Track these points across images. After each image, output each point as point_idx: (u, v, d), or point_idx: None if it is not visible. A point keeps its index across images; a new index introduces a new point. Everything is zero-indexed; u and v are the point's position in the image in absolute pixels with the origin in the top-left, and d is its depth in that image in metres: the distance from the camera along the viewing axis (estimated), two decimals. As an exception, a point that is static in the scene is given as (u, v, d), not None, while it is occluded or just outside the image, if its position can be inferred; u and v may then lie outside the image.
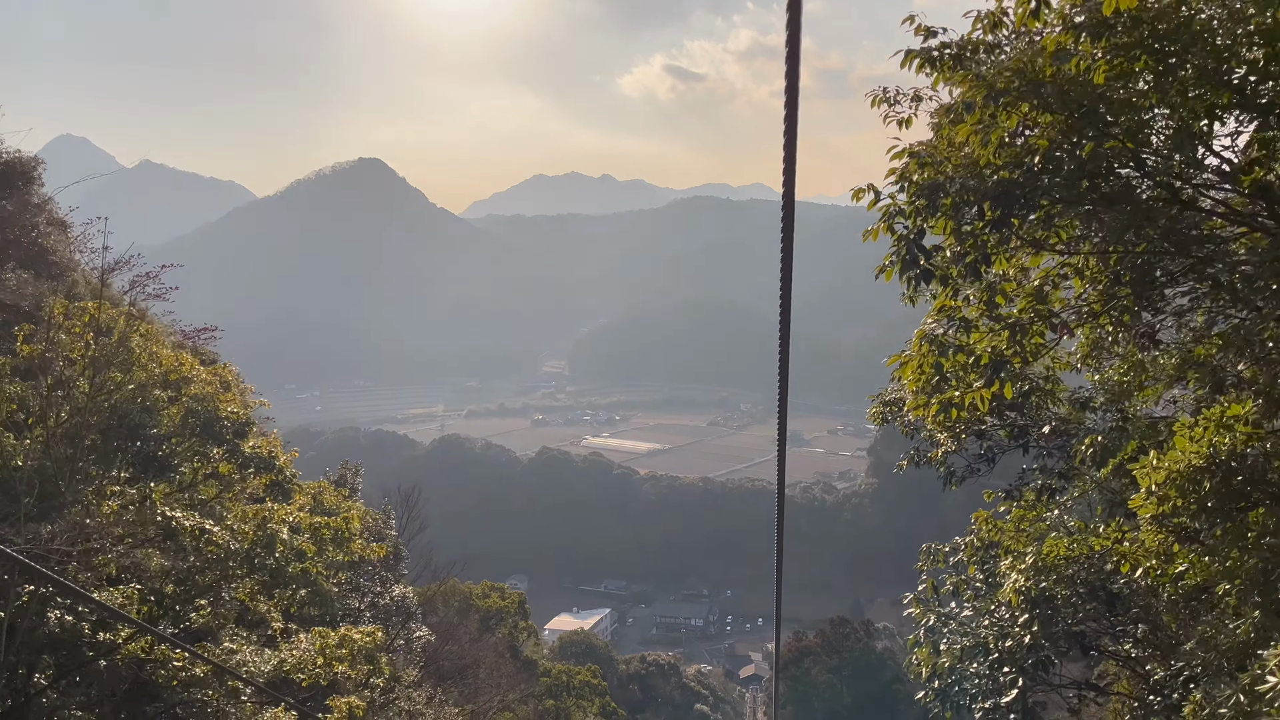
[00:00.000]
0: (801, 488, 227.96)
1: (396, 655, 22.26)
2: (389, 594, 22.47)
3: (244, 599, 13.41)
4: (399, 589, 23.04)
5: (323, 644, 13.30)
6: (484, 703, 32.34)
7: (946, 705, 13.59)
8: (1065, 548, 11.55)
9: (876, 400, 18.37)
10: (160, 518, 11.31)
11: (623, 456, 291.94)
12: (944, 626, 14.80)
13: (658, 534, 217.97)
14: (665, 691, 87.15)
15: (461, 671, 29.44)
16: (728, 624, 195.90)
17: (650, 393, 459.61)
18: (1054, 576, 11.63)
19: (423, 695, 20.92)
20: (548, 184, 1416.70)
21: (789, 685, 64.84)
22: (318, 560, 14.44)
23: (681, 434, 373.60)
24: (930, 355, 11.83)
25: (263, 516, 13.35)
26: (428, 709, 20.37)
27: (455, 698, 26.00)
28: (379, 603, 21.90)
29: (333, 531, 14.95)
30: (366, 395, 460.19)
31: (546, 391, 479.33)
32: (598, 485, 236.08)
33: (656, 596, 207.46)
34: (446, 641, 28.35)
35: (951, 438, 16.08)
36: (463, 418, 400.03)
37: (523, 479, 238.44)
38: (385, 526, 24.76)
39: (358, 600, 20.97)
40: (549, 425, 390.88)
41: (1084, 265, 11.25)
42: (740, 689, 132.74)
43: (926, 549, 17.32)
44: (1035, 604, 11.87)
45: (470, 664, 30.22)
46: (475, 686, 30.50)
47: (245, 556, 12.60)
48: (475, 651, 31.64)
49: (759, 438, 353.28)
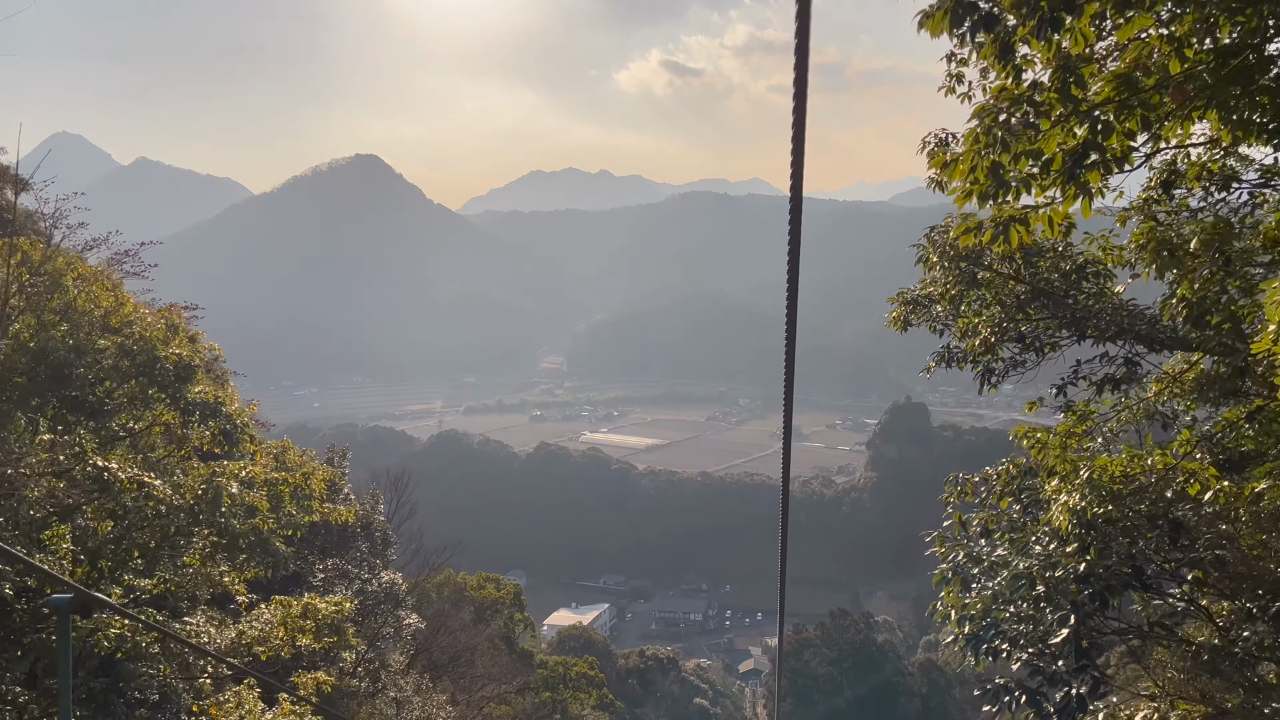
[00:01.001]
0: (800, 482, 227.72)
1: (385, 643, 21.72)
2: (377, 580, 21.88)
3: (195, 563, 12.39)
4: (387, 575, 22.41)
5: (285, 614, 12.39)
6: (479, 694, 31.85)
7: (979, 653, 11.39)
8: (1121, 466, 9.66)
9: (896, 300, 15.37)
10: (92, 468, 10.31)
11: (621, 452, 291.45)
12: (974, 566, 12.45)
13: (656, 529, 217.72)
14: (664, 686, 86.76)
15: (454, 660, 28.85)
16: (727, 619, 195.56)
17: (648, 388, 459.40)
18: (1108, 500, 9.75)
19: (410, 682, 20.33)
20: (545, 180, 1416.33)
21: (789, 678, 64.38)
22: (271, 518, 13.21)
23: (680, 429, 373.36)
24: (987, 151, 8.46)
25: (211, 471, 12.34)
26: (416, 696, 19.80)
27: (449, 689, 25.46)
28: (367, 588, 21.30)
29: (291, 488, 13.80)
30: (364, 392, 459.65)
31: (545, 387, 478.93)
32: (596, 481, 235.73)
33: (655, 592, 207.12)
34: (438, 632, 27.79)
35: (992, 326, 13.32)
36: (461, 414, 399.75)
37: (521, 475, 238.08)
38: (374, 511, 24.16)
39: (345, 586, 20.40)
40: (547, 421, 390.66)
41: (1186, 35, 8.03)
42: (740, 683, 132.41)
43: (953, 479, 13.99)
44: (1089, 526, 9.86)
45: (464, 654, 29.64)
46: (470, 678, 29.94)
47: (189, 512, 11.64)
48: (469, 642, 31.07)
49: (758, 433, 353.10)
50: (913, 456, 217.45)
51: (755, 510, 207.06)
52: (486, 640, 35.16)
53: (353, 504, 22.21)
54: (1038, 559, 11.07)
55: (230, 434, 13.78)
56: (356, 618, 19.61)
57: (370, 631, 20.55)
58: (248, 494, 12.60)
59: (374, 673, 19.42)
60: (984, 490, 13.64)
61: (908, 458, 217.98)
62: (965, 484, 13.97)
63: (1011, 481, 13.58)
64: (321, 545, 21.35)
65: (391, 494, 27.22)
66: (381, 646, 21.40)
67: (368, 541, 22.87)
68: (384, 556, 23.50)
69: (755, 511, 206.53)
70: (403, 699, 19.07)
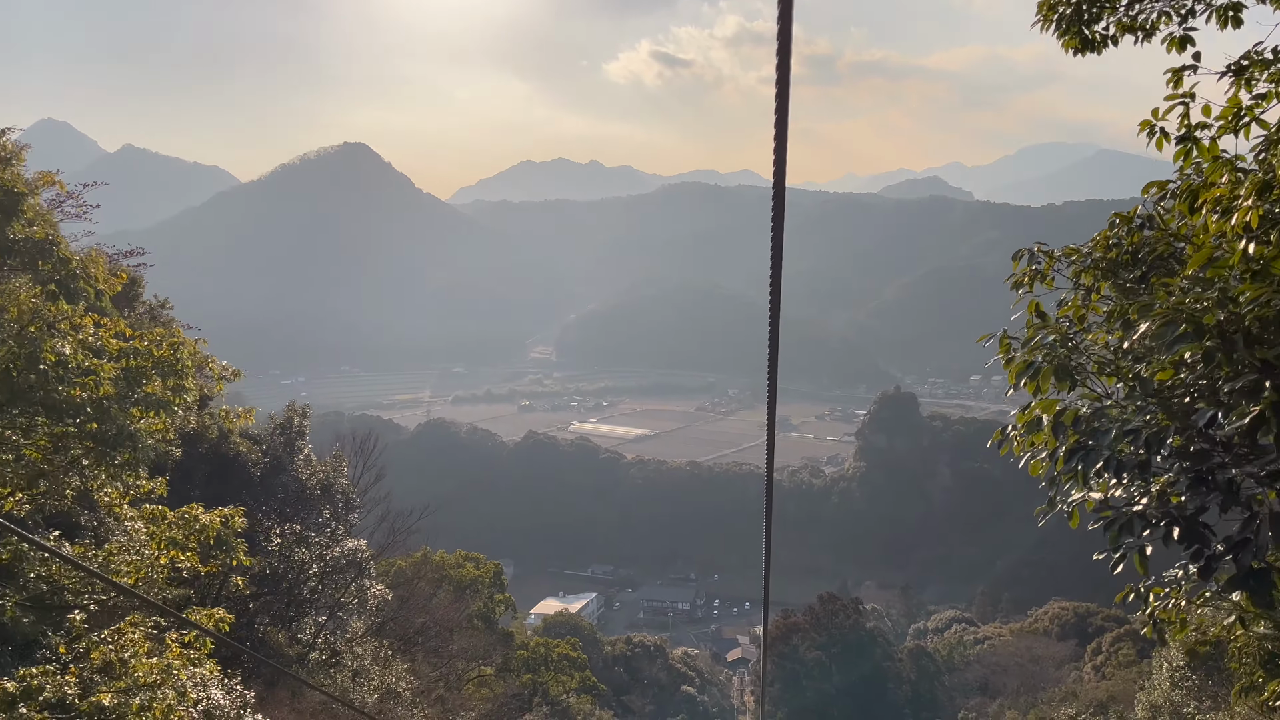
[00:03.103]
0: (789, 472, 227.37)
1: (347, 613, 20.60)
2: (339, 545, 20.70)
3: (35, 456, 9.75)
4: (350, 542, 21.24)
5: (153, 529, 10.11)
6: (458, 675, 30.84)
7: (1083, 473, 6.91)
8: None
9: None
10: None
11: (610, 442, 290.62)
12: (1069, 353, 7.61)
13: (645, 519, 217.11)
14: (651, 673, 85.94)
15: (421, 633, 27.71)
16: (715, 608, 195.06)
17: (638, 379, 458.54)
18: None
19: (368, 650, 19.15)
20: (535, 170, 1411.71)
21: (776, 663, 63.59)
22: (128, 391, 10.20)
23: (669, 419, 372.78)
24: None
25: (25, 308, 9.66)
26: (375, 666, 18.69)
27: (419, 667, 24.40)
28: (327, 554, 20.14)
29: (153, 361, 10.60)
30: (352, 381, 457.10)
31: (534, 378, 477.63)
32: (584, 470, 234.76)
33: (643, 581, 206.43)
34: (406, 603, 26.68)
35: None
36: (449, 403, 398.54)
37: (508, 464, 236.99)
38: (336, 474, 23.01)
39: (305, 551, 19.24)
40: (536, 411, 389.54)
41: None
42: (727, 671, 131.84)
43: (1023, 253, 8.79)
44: None
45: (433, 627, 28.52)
46: (447, 657, 28.86)
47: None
48: (444, 618, 29.98)
49: (747, 423, 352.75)
50: (901, 446, 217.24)
51: (744, 500, 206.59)
52: (465, 620, 34.09)
53: (314, 467, 21.10)
54: None
55: (68, 285, 11.29)
56: (315, 584, 18.48)
57: (330, 600, 19.48)
58: (86, 357, 9.88)
59: (333, 644, 18.27)
60: (1074, 262, 8.47)
61: (896, 447, 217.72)
62: (1044, 256, 8.85)
63: (1119, 244, 8.25)
64: (279, 509, 20.22)
65: (357, 457, 26.05)
66: (343, 617, 20.32)
67: (329, 505, 21.72)
68: (346, 521, 22.36)
69: (744, 501, 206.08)
70: (360, 668, 17.95)
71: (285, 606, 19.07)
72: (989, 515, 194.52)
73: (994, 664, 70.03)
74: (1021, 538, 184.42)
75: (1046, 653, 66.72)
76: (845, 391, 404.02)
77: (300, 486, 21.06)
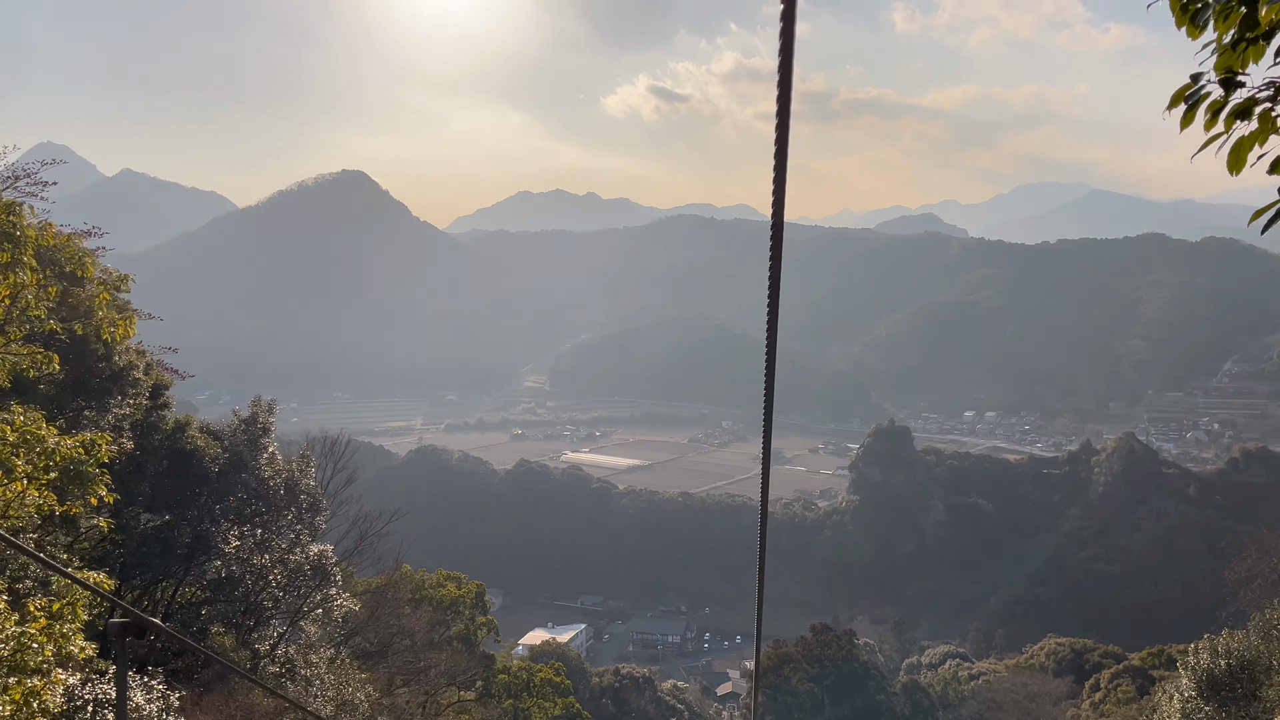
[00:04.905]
0: (782, 504, 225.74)
1: (310, 622, 19.33)
2: (303, 550, 19.39)
3: None
4: (316, 547, 19.97)
5: None
6: (434, 700, 29.49)
7: None
8: None
9: None
10: None
11: (602, 472, 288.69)
12: None
13: (636, 549, 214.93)
14: (640, 705, 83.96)
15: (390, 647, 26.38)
16: (705, 641, 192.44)
17: (631, 409, 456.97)
18: None
19: (322, 658, 17.82)
20: (532, 201, 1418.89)
21: (768, 695, 62.00)
22: None
23: (662, 450, 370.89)
24: None
25: None
26: (330, 674, 17.40)
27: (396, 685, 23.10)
28: (289, 559, 18.83)
29: None
30: (345, 408, 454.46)
31: (527, 406, 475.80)
32: (576, 499, 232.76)
33: (634, 613, 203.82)
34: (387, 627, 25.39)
35: None
36: (441, 431, 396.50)
37: (499, 492, 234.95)
38: (302, 475, 21.79)
39: (266, 556, 18.01)
40: (528, 440, 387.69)
41: None
42: (717, 705, 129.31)
43: None
44: None
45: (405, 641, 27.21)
46: (421, 677, 27.49)
47: None
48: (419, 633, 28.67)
49: (740, 455, 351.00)
50: (895, 480, 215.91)
51: (736, 532, 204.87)
52: (444, 641, 32.74)
53: (279, 465, 19.96)
54: None
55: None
56: (277, 592, 17.29)
57: (291, 609, 18.26)
58: None
59: (288, 654, 17.01)
60: None
61: (890, 481, 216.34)
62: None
63: None
64: (237, 508, 19.05)
65: (327, 459, 24.84)
66: (304, 626, 19.08)
67: (294, 507, 20.51)
68: (312, 526, 21.12)
69: (736, 533, 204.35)
70: (313, 676, 16.70)
71: (242, 614, 17.87)
72: (983, 550, 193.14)
73: (990, 700, 68.48)
74: (1015, 574, 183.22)
75: (1043, 689, 65.30)
76: (839, 425, 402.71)
77: (262, 486, 19.84)
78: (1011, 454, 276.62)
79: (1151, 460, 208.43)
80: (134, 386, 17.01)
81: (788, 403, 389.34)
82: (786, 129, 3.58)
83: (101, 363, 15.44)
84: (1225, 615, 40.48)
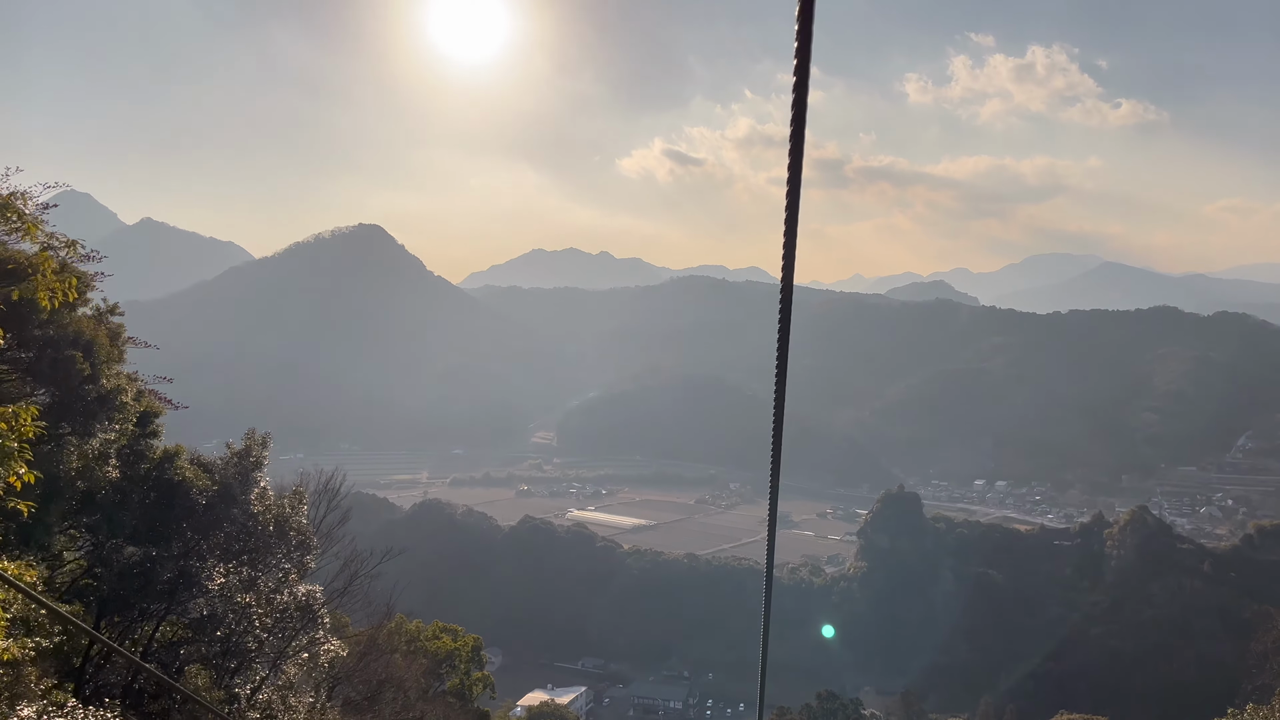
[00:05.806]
0: (789, 570, 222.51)
1: (293, 666, 18.55)
2: (289, 590, 18.70)
3: None
4: (304, 587, 19.30)
5: None
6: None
7: None
8: None
9: None
10: None
11: (608, 530, 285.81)
12: None
13: (639, 611, 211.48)
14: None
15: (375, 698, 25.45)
16: (708, 708, 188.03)
17: (639, 468, 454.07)
18: None
19: (303, 703, 17.03)
20: (545, 258, 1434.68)
21: (769, 765, 60.04)
22: None
23: (669, 510, 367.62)
24: None
25: None
26: (310, 717, 16.60)
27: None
28: (275, 599, 18.11)
29: None
30: (352, 459, 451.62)
31: (533, 462, 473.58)
32: (580, 558, 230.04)
33: (635, 676, 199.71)
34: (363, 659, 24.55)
35: None
36: (447, 485, 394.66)
37: (503, 548, 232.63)
38: (294, 512, 21.20)
39: (252, 596, 17.34)
40: (534, 496, 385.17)
41: None
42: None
43: None
44: None
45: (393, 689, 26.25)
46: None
47: None
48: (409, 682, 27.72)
49: (747, 517, 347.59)
50: (904, 547, 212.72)
51: (741, 596, 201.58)
52: (438, 695, 31.70)
53: (269, 501, 19.42)
54: None
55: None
56: (261, 634, 16.65)
57: (276, 652, 17.55)
58: None
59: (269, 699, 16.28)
60: None
61: (899, 548, 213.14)
62: None
63: None
64: (224, 544, 18.47)
65: (320, 497, 24.26)
66: (286, 669, 18.32)
67: (283, 545, 19.88)
68: (301, 564, 20.47)
69: (741, 597, 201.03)
70: None
71: (222, 655, 17.16)
72: (993, 622, 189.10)
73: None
74: (1026, 647, 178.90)
75: (1056, 767, 63.15)
76: (848, 490, 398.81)
77: (251, 521, 19.26)
78: (1022, 524, 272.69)
79: (1165, 535, 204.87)
80: (121, 411, 16.72)
81: (796, 466, 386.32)
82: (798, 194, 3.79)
83: (88, 385, 15.19)
84: (1250, 688, 39.24)
